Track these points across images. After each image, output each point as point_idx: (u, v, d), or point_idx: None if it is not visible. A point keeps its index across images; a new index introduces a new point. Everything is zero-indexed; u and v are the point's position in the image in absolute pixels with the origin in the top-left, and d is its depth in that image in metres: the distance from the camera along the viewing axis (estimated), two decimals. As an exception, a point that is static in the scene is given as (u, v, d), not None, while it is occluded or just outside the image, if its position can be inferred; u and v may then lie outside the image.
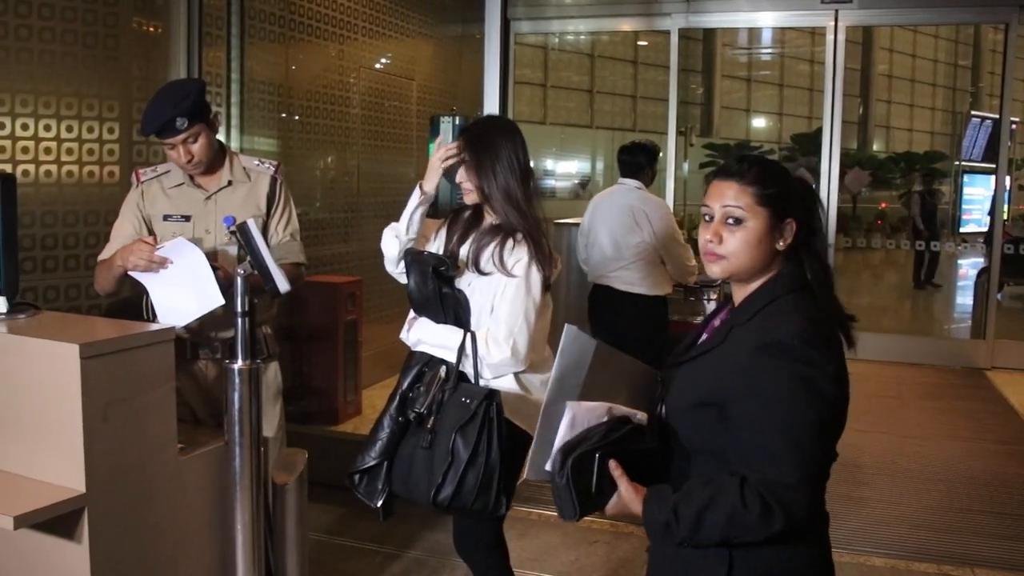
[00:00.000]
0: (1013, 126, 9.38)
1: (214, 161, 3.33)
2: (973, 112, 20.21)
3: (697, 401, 1.88)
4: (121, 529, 2.48)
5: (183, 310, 3.07)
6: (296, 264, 3.43)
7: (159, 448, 2.59)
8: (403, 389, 2.89)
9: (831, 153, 8.72)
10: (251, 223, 2.87)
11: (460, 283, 2.91)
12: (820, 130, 8.96)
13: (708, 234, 1.90)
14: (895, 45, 27.01)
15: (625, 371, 1.99)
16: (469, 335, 2.84)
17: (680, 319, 5.68)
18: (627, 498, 1.80)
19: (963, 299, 12.82)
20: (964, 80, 27.92)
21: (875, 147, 26.92)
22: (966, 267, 14.50)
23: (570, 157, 19.49)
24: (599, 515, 1.87)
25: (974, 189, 14.43)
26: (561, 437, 1.80)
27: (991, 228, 9.38)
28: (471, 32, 8.28)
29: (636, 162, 5.48)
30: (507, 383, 2.86)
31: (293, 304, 5.74)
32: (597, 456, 1.79)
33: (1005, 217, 10.74)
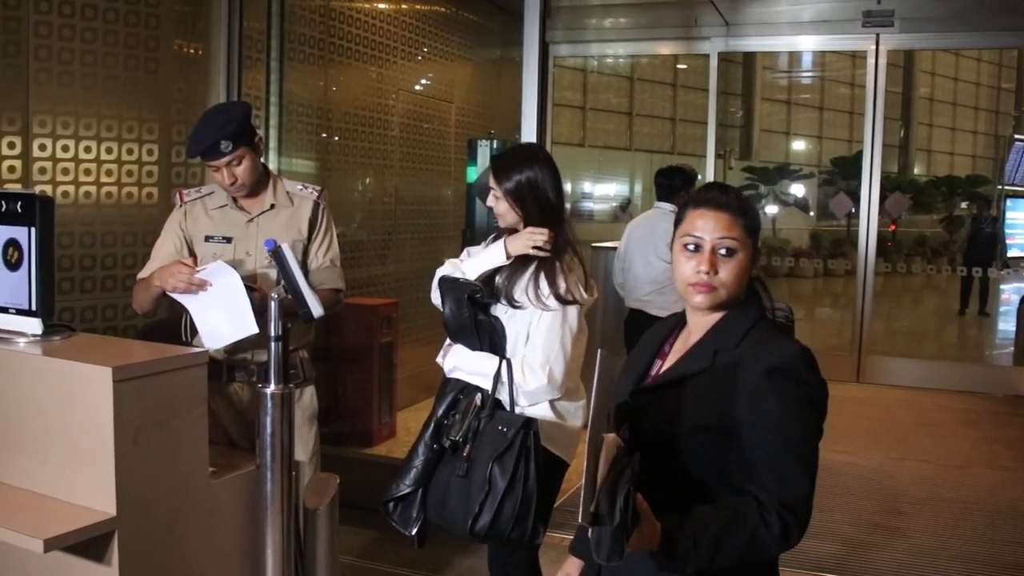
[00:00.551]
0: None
1: (258, 184, 3.34)
2: (1016, 136, 20.02)
3: (692, 427, 1.87)
4: (151, 552, 2.47)
5: (219, 333, 3.07)
6: (335, 290, 3.42)
7: (190, 471, 2.58)
8: (438, 416, 2.88)
9: (871, 177, 8.66)
10: (286, 247, 2.87)
11: (496, 310, 2.89)
12: (860, 153, 8.91)
13: (702, 264, 1.91)
14: (937, 68, 26.86)
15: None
16: (505, 362, 2.83)
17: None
18: (651, 532, 1.77)
19: (1006, 325, 12.62)
20: (1007, 103, 27.68)
21: (916, 171, 26.71)
22: (1009, 292, 14.31)
23: (608, 180, 19.48)
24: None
25: (1017, 213, 14.24)
26: (601, 474, 1.74)
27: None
28: (510, 55, 8.30)
29: (672, 185, 5.46)
30: (542, 410, 2.84)
31: (329, 326, 5.74)
32: (632, 491, 1.75)
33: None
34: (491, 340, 2.87)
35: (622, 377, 2.09)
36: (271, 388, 2.72)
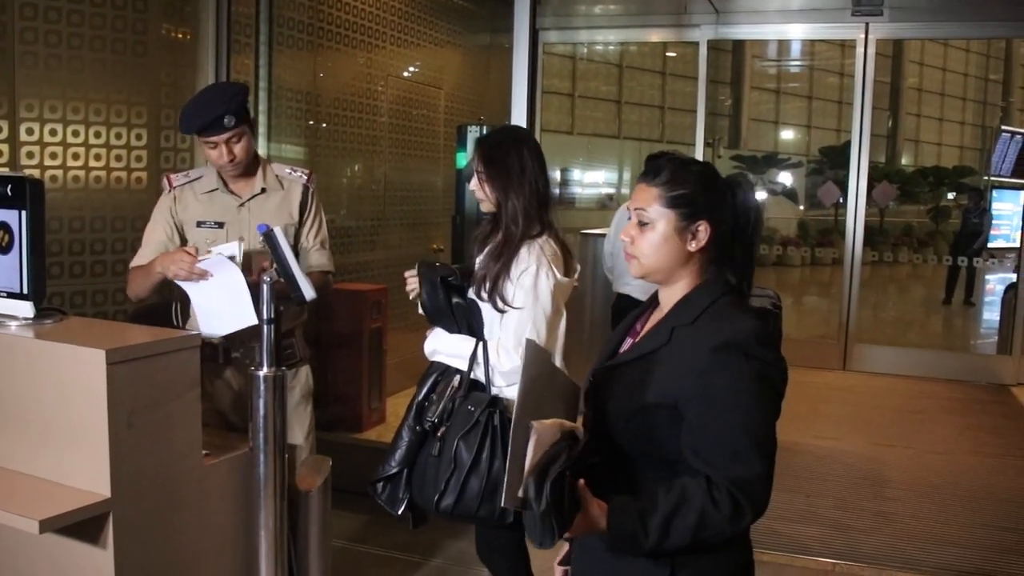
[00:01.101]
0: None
1: (249, 166, 3.34)
2: (1003, 127, 20.09)
3: (646, 404, 1.85)
4: (146, 534, 2.48)
5: (219, 322, 3.08)
6: (324, 272, 3.44)
7: (184, 454, 2.59)
8: (419, 399, 2.91)
9: (859, 166, 8.68)
10: (278, 231, 2.89)
11: (472, 292, 2.91)
12: (848, 143, 8.92)
13: (625, 235, 1.94)
14: (925, 58, 26.93)
15: (560, 386, 1.95)
16: (481, 344, 2.85)
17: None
18: (595, 515, 1.77)
19: (990, 314, 12.70)
20: (995, 94, 27.75)
21: (904, 161, 26.78)
22: (993, 282, 14.38)
23: (597, 167, 19.47)
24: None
25: (1003, 204, 14.30)
26: (529, 460, 1.73)
27: (1022, 243, 9.27)
28: (499, 41, 8.29)
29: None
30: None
31: (319, 311, 5.74)
32: (567, 476, 1.73)
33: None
34: (468, 323, 2.90)
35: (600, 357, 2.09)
36: (263, 371, 2.73)
